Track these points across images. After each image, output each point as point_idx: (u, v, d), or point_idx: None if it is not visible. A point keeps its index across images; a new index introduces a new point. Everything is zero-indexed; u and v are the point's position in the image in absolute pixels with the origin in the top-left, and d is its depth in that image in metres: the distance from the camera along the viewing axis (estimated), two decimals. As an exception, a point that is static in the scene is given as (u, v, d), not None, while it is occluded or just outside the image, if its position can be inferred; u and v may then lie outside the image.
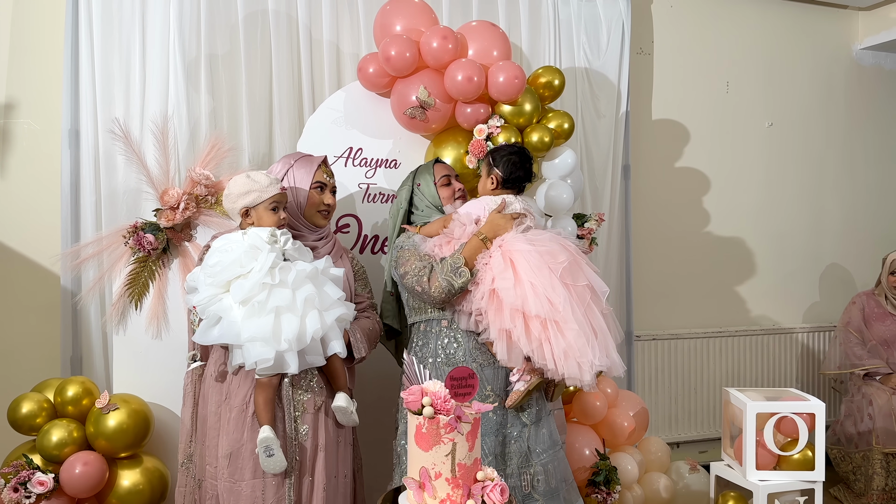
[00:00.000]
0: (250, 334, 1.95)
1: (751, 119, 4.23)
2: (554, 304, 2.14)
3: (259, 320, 1.96)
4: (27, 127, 2.93)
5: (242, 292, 1.98)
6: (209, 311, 2.00)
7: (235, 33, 2.97)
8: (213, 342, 1.99)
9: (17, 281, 2.89)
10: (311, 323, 2.03)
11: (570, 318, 2.15)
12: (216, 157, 2.58)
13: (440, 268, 2.24)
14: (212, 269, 2.02)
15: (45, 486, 2.28)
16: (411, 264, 2.28)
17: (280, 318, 1.99)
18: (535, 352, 2.16)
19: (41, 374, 2.77)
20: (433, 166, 2.52)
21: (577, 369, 2.14)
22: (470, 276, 2.22)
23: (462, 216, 2.35)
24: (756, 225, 4.24)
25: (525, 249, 2.21)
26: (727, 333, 4.10)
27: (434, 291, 2.22)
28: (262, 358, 1.95)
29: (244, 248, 2.04)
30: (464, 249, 2.26)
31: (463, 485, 1.67)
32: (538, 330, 2.15)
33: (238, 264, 2.01)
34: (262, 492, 2.07)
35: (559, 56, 3.49)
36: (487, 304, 2.19)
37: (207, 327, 1.99)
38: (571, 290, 2.21)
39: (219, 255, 2.04)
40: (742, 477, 2.75)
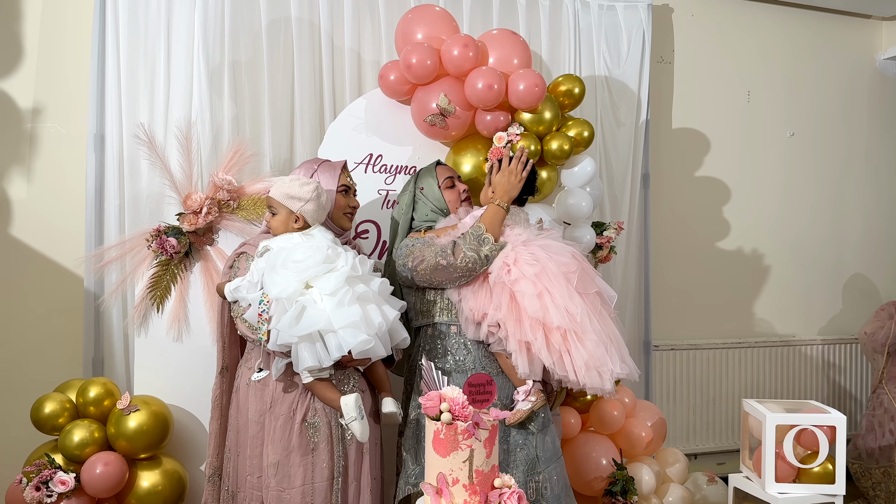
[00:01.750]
0: (343, 322, 1.98)
1: (772, 129, 4.20)
2: (573, 315, 2.15)
3: (349, 309, 2.00)
4: (54, 131, 2.98)
5: (331, 285, 2.02)
6: (295, 302, 2.01)
7: (258, 40, 3.00)
8: (303, 333, 1.98)
9: (41, 282, 2.94)
10: (388, 311, 2.09)
11: (589, 329, 2.16)
12: (238, 162, 2.61)
13: (463, 240, 2.23)
14: (300, 265, 2.04)
15: (66, 485, 2.30)
16: (428, 250, 2.25)
17: (366, 307, 2.04)
18: (556, 363, 2.16)
19: (63, 374, 2.80)
20: (435, 169, 2.52)
21: (598, 379, 2.16)
22: (494, 243, 2.22)
23: (468, 222, 2.35)
24: (777, 235, 4.21)
25: (543, 256, 2.21)
26: (747, 344, 4.07)
27: (460, 262, 2.20)
28: (361, 341, 1.97)
29: (326, 246, 2.11)
30: (482, 217, 2.26)
31: (480, 491, 1.67)
32: (558, 341, 2.16)
33: (327, 260, 2.06)
34: (312, 497, 2.09)
35: (579, 64, 3.50)
36: (507, 314, 2.18)
37: (292, 323, 1.99)
38: (585, 298, 2.22)
39: (307, 252, 2.07)
40: (761, 489, 2.73)
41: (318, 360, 2.00)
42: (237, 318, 2.17)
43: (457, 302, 2.29)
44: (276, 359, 2.11)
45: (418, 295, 2.38)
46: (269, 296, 2.04)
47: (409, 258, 2.29)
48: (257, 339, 2.08)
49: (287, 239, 2.16)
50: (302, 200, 2.17)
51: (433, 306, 2.34)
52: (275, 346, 2.03)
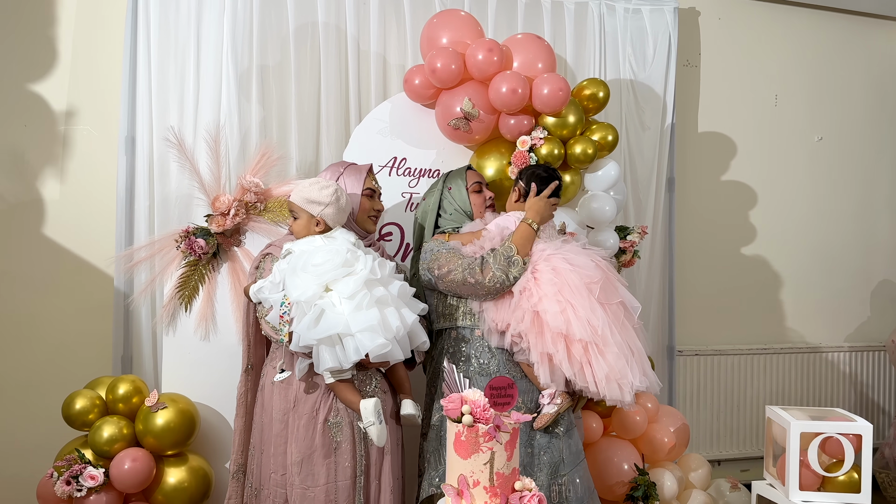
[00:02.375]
0: (360, 325, 2.00)
1: (800, 133, 4.16)
2: (594, 327, 2.16)
3: (367, 313, 2.02)
4: (86, 133, 3.04)
5: (350, 288, 2.04)
6: (314, 305, 2.03)
7: (286, 45, 3.04)
8: (321, 336, 2.01)
9: (72, 281, 3.01)
10: (406, 314, 2.10)
11: (610, 341, 2.17)
12: (266, 165, 2.65)
13: (492, 259, 2.24)
14: (319, 268, 2.07)
15: (95, 480, 2.36)
16: (456, 262, 2.27)
17: (384, 311, 2.06)
18: (577, 375, 2.18)
19: (93, 371, 2.87)
20: (465, 172, 2.54)
21: (618, 391, 2.17)
22: (523, 265, 2.23)
23: (493, 230, 2.36)
24: (804, 241, 4.16)
25: (565, 269, 2.22)
26: (772, 350, 4.03)
27: (489, 282, 2.22)
28: (378, 344, 1.99)
29: (346, 249, 2.12)
30: (513, 237, 2.27)
31: (500, 493, 1.68)
32: (580, 353, 2.17)
33: (345, 264, 2.08)
34: (335, 495, 2.12)
35: (604, 68, 3.49)
36: (529, 326, 2.19)
37: (311, 325, 2.01)
38: (607, 309, 2.22)
39: (326, 255, 2.10)
40: (784, 497, 2.70)
41: (338, 361, 2.03)
42: (261, 318, 2.21)
43: (479, 311, 2.31)
44: (299, 359, 2.14)
45: (440, 298, 2.39)
46: (289, 298, 2.07)
47: (435, 264, 2.30)
48: (280, 340, 2.12)
49: (309, 242, 2.19)
50: (322, 204, 2.20)
51: (456, 310, 2.36)
52: (297, 347, 2.07)
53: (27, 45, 2.98)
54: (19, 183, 2.98)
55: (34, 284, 2.97)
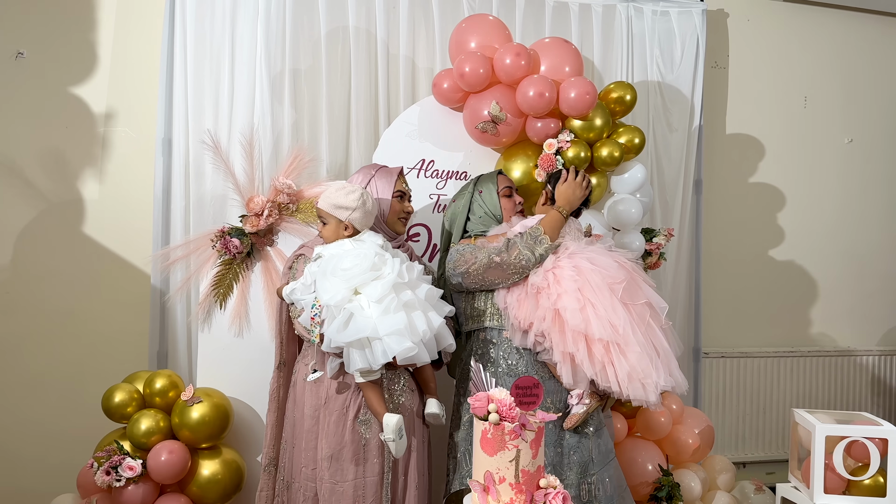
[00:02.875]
0: (388, 329, 2.05)
1: (829, 135, 4.13)
2: (615, 327, 2.17)
3: (394, 317, 2.07)
4: (124, 135, 3.14)
5: (378, 292, 2.09)
6: (343, 309, 2.09)
7: (318, 49, 3.11)
8: (350, 339, 2.06)
9: (110, 279, 3.11)
10: (433, 317, 2.15)
11: (632, 340, 2.17)
12: (298, 167, 2.72)
13: (519, 239, 2.27)
14: (347, 273, 2.12)
15: (133, 470, 2.44)
16: (480, 252, 2.29)
17: (411, 315, 2.10)
18: (599, 374, 2.19)
19: (130, 366, 2.96)
20: (497, 176, 2.56)
21: (641, 390, 2.17)
22: (550, 244, 2.26)
23: (518, 230, 2.38)
24: (833, 244, 4.13)
25: (587, 269, 2.23)
26: (799, 354, 4.01)
27: (514, 259, 2.24)
28: (405, 348, 2.04)
29: (374, 253, 2.17)
30: (542, 221, 2.30)
31: (526, 490, 1.73)
32: (601, 353, 2.18)
33: (373, 268, 2.13)
34: (363, 490, 2.19)
35: (631, 70, 3.51)
36: (551, 324, 2.21)
37: (340, 328, 2.07)
38: (631, 310, 2.23)
39: (354, 260, 2.15)
40: (809, 500, 2.70)
41: (367, 362, 2.09)
42: (294, 319, 2.27)
43: (503, 309, 2.34)
44: (331, 358, 2.20)
45: (468, 300, 2.43)
46: (320, 301, 2.14)
47: (461, 262, 2.34)
48: (311, 341, 2.19)
49: (339, 246, 2.25)
50: (349, 209, 2.25)
51: (483, 312, 2.39)
52: (328, 348, 2.13)
53: (68, 50, 3.08)
54: (60, 183, 3.08)
55: (74, 282, 3.07)
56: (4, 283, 3.02)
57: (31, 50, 3.06)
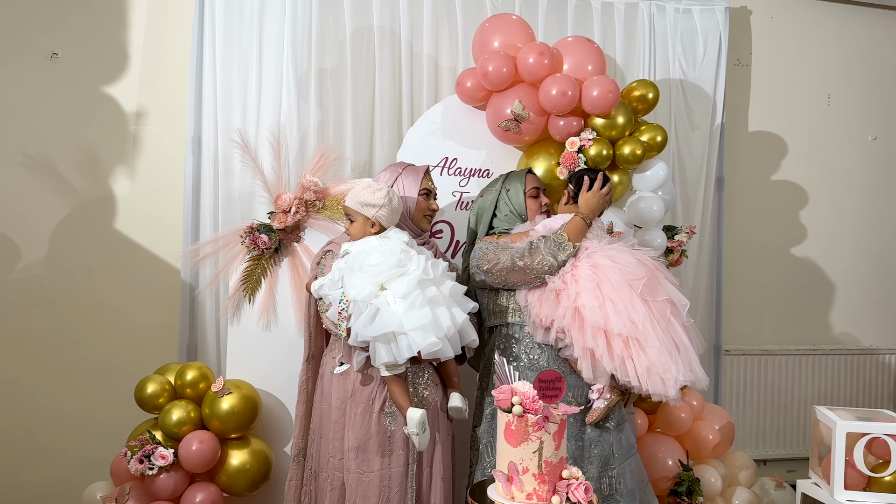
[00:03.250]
0: (413, 324, 2.11)
1: (853, 132, 4.11)
2: (635, 323, 2.19)
3: (419, 312, 2.13)
4: (155, 133, 3.21)
5: (403, 288, 2.14)
6: (370, 304, 2.14)
7: (343, 48, 3.16)
8: (376, 334, 2.12)
9: (142, 274, 3.18)
10: (457, 314, 2.20)
11: (651, 336, 2.20)
12: (324, 165, 2.77)
13: (543, 244, 2.29)
14: (374, 269, 2.18)
15: (165, 459, 2.51)
16: (503, 253, 2.32)
17: (435, 310, 2.16)
18: (619, 369, 2.22)
19: (160, 358, 3.03)
20: (525, 176, 2.59)
21: (661, 385, 2.19)
22: (573, 250, 2.28)
23: (540, 230, 2.41)
24: (856, 242, 4.12)
25: (606, 266, 2.26)
26: (821, 352, 4.00)
27: (537, 265, 2.27)
28: (429, 343, 2.10)
29: (399, 250, 2.22)
30: (565, 227, 2.32)
31: (549, 481, 1.77)
32: (620, 348, 2.21)
33: (399, 264, 2.19)
34: (389, 481, 2.24)
35: (654, 68, 3.52)
36: (570, 321, 2.24)
37: (367, 323, 2.13)
38: (651, 306, 2.25)
39: (380, 256, 2.20)
40: (829, 496, 2.72)
41: (393, 356, 2.14)
42: (322, 313, 2.33)
43: (524, 307, 2.37)
44: (357, 352, 2.26)
45: (491, 296, 2.47)
46: (347, 296, 2.19)
47: (484, 260, 2.37)
48: (339, 335, 2.24)
49: (365, 242, 2.31)
50: (375, 207, 2.30)
51: (506, 308, 2.43)
52: (354, 342, 2.18)
53: (101, 50, 3.16)
54: (93, 180, 3.16)
55: (107, 276, 3.16)
56: (39, 278, 3.11)
57: (65, 50, 3.14)
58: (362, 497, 2.23)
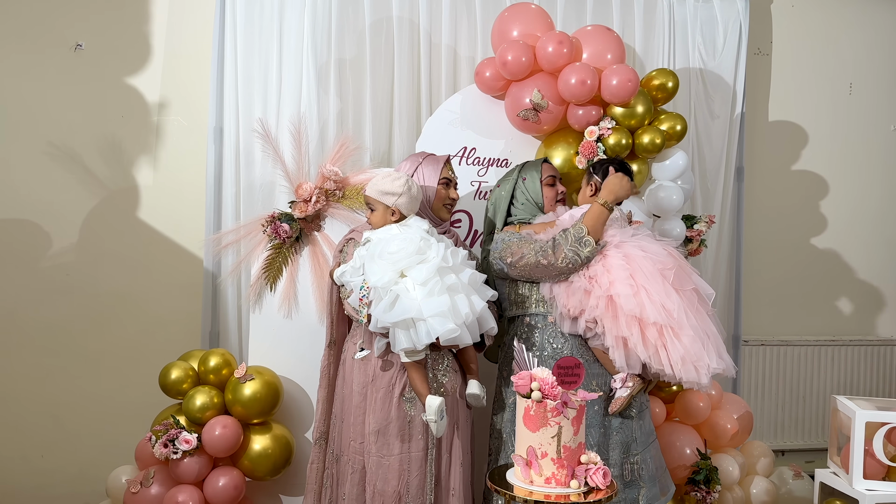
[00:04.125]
0: (432, 311, 2.14)
1: (875, 122, 4.07)
2: (669, 311, 2.20)
3: (438, 299, 2.15)
4: (177, 124, 3.26)
5: (423, 275, 2.17)
6: (390, 291, 2.17)
7: (362, 39, 3.18)
8: (396, 320, 2.15)
9: (165, 262, 3.24)
10: (476, 301, 2.22)
11: (686, 324, 2.21)
12: (343, 155, 2.80)
13: (563, 239, 2.29)
14: (393, 256, 2.21)
15: (189, 444, 2.56)
16: (527, 247, 2.33)
17: (454, 297, 2.18)
18: (652, 357, 2.23)
19: (183, 345, 3.08)
20: (542, 164, 2.59)
21: (694, 373, 2.21)
22: (595, 245, 2.28)
23: (566, 220, 2.41)
24: (877, 232, 4.08)
25: (638, 256, 2.27)
26: (840, 342, 3.98)
27: (561, 263, 2.28)
28: (448, 329, 2.12)
29: (419, 237, 2.25)
30: (584, 218, 2.32)
31: (567, 465, 1.79)
32: (654, 337, 2.21)
33: (418, 252, 2.22)
34: (409, 465, 2.28)
35: (673, 57, 3.51)
36: (604, 311, 2.25)
37: (386, 309, 2.16)
38: (682, 295, 2.26)
39: (400, 244, 2.23)
40: (848, 485, 2.71)
41: (412, 342, 2.17)
42: (344, 300, 2.37)
43: (549, 298, 2.38)
44: (378, 338, 2.29)
45: (512, 286, 2.48)
46: (368, 283, 2.22)
47: (507, 253, 2.38)
48: (360, 321, 2.28)
49: (386, 230, 2.33)
50: (395, 195, 2.33)
51: (528, 299, 2.44)
52: (375, 328, 2.22)
53: (124, 42, 3.21)
54: (117, 170, 3.21)
55: (130, 265, 3.21)
56: (65, 266, 3.17)
57: (88, 42, 3.19)
58: (382, 480, 2.27)
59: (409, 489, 2.27)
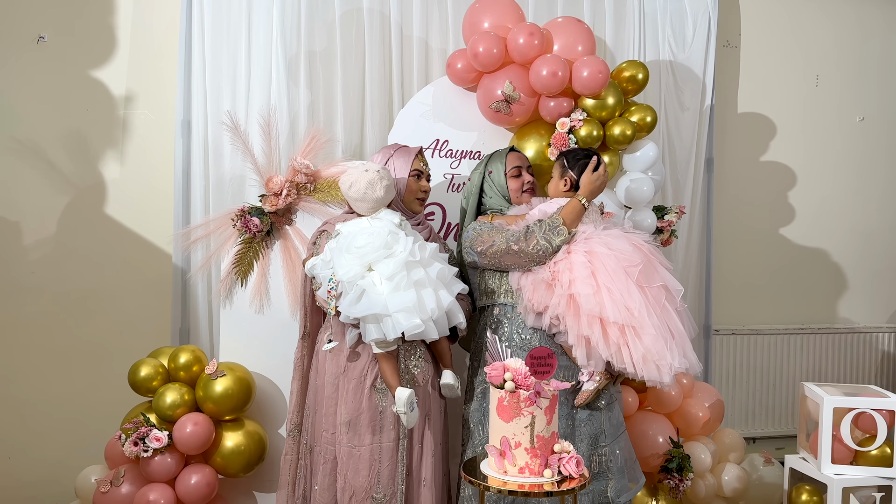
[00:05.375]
0: (397, 306, 2.13)
1: (841, 113, 4.14)
2: (631, 310, 2.20)
3: (405, 294, 2.15)
4: (144, 117, 3.20)
5: (389, 269, 2.16)
6: (356, 285, 2.17)
7: (332, 31, 3.14)
8: (361, 314, 2.15)
9: (133, 258, 3.18)
10: (443, 296, 2.21)
11: (647, 323, 2.21)
12: (315, 147, 2.77)
13: (538, 228, 2.30)
14: (361, 250, 2.20)
15: (160, 441, 2.52)
16: (498, 235, 2.34)
17: (421, 292, 2.17)
18: (615, 356, 2.24)
19: (153, 342, 3.03)
20: (506, 155, 2.59)
21: (656, 372, 2.22)
22: (568, 235, 2.29)
23: (535, 215, 2.42)
24: (843, 222, 4.15)
25: (603, 253, 2.27)
26: (809, 331, 4.05)
27: (532, 249, 2.29)
28: (413, 324, 2.12)
29: (387, 231, 2.24)
30: (562, 211, 2.33)
31: (541, 455, 1.79)
32: (616, 335, 2.22)
33: (385, 246, 2.21)
34: (380, 455, 2.27)
35: (643, 49, 3.52)
36: (565, 309, 2.26)
37: (353, 302, 2.16)
38: (647, 292, 2.26)
39: (367, 238, 2.22)
40: (817, 470, 2.76)
41: (382, 334, 2.17)
42: (316, 291, 2.35)
43: (516, 290, 2.39)
44: (349, 329, 2.29)
45: (481, 276, 2.49)
46: (336, 276, 2.22)
47: (478, 241, 2.39)
48: (329, 313, 2.27)
49: (356, 223, 2.33)
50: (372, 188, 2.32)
51: (498, 288, 2.44)
52: (346, 319, 2.21)
53: (88, 33, 3.14)
54: (83, 165, 3.15)
55: (97, 261, 3.15)
56: (30, 264, 3.10)
57: (52, 34, 3.12)
58: (353, 471, 2.27)
59: (380, 480, 2.27)
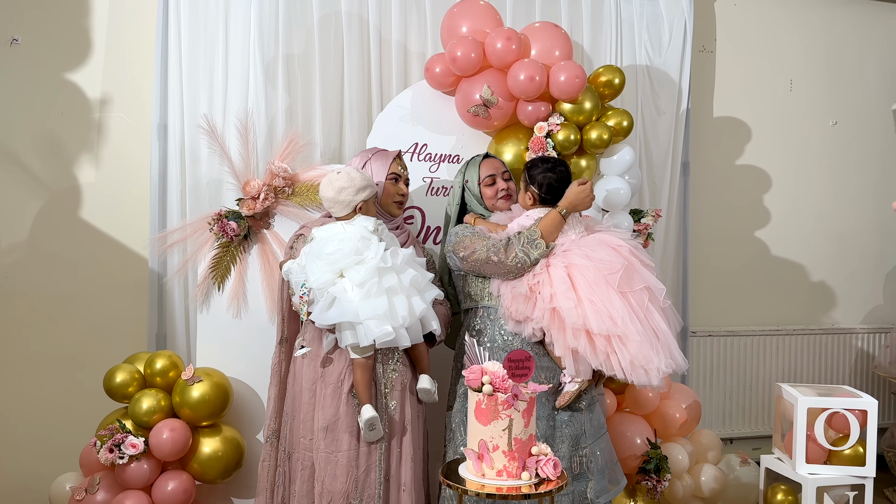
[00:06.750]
0: (368, 313, 2.13)
1: (814, 118, 4.21)
2: (614, 320, 2.22)
3: (376, 301, 2.14)
4: (120, 121, 3.17)
5: (360, 276, 2.15)
6: (327, 292, 2.16)
7: (311, 34, 3.14)
8: (332, 322, 2.15)
9: (108, 263, 3.14)
10: (416, 303, 2.21)
11: (632, 330, 2.22)
12: (293, 151, 2.76)
13: (516, 240, 2.32)
14: (331, 257, 2.19)
15: (136, 448, 2.50)
16: (480, 242, 2.35)
17: (392, 299, 2.17)
18: (604, 364, 2.26)
19: (129, 348, 3.00)
20: (480, 164, 2.60)
21: (644, 376, 2.24)
22: (546, 248, 2.30)
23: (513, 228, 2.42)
24: (817, 225, 4.22)
25: (582, 265, 2.28)
26: (784, 332, 4.11)
27: (510, 262, 2.30)
28: (383, 332, 2.12)
29: (358, 237, 2.22)
30: (540, 223, 2.35)
31: (518, 457, 1.80)
32: (603, 344, 2.24)
33: (356, 252, 2.20)
34: (357, 461, 2.26)
35: (620, 54, 3.56)
36: (550, 322, 2.28)
37: (324, 309, 2.15)
38: (629, 297, 2.28)
39: (337, 244, 2.21)
40: (791, 469, 2.80)
41: (357, 339, 2.16)
42: (291, 296, 2.34)
43: (496, 297, 2.40)
44: (326, 334, 2.28)
45: (465, 280, 2.49)
46: (308, 282, 2.21)
47: (460, 247, 2.40)
48: (302, 319, 2.27)
49: (329, 228, 2.32)
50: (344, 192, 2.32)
51: (481, 291, 2.45)
52: (320, 325, 2.21)
53: (63, 36, 3.10)
54: (57, 169, 3.11)
55: (73, 265, 3.11)
56: (3, 269, 3.06)
57: (25, 36, 3.08)
58: (331, 477, 2.25)
59: (358, 485, 2.26)
